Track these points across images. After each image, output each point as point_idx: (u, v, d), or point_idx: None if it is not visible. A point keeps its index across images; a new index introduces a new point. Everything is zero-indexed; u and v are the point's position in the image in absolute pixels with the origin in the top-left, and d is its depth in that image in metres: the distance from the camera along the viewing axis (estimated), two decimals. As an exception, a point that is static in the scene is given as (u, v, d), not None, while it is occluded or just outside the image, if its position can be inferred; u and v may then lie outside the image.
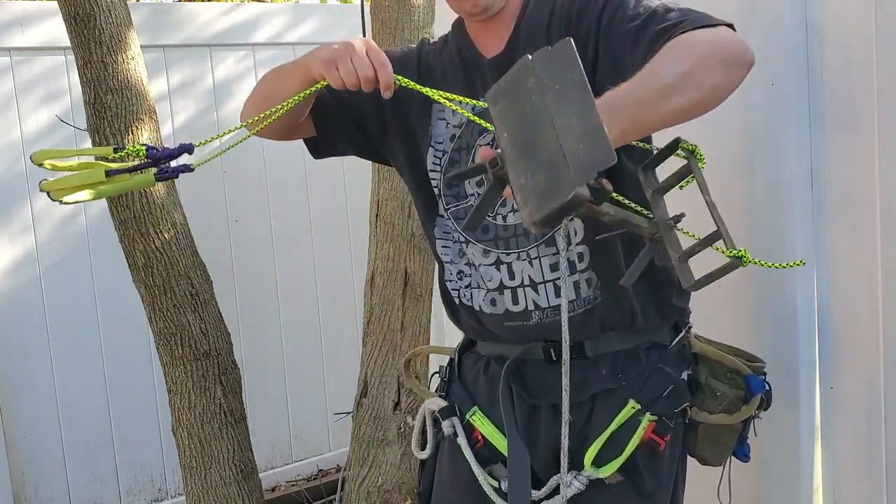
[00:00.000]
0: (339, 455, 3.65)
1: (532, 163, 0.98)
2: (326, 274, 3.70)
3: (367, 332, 2.64)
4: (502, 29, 1.47)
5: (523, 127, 1.01)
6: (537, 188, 0.96)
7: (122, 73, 2.33)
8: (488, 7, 1.43)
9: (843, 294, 1.80)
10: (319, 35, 3.62)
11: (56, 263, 3.15)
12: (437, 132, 1.52)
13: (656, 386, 1.47)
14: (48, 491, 3.18)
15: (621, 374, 1.47)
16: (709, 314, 1.65)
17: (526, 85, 1.02)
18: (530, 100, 1.01)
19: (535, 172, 0.97)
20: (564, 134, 0.96)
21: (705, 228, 1.18)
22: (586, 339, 1.46)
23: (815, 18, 1.78)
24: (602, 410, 1.46)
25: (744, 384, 1.54)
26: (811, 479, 1.88)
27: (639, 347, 1.49)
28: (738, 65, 1.26)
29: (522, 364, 1.49)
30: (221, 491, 2.55)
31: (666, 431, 1.45)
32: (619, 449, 1.43)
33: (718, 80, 1.22)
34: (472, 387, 1.58)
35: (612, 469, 1.43)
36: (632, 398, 1.45)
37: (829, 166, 1.79)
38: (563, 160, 0.95)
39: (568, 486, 1.42)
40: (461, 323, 1.60)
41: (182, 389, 2.52)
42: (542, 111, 0.99)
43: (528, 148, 0.99)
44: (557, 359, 1.44)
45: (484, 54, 1.49)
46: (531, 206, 0.96)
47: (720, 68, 1.22)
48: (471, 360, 1.60)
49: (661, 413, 1.45)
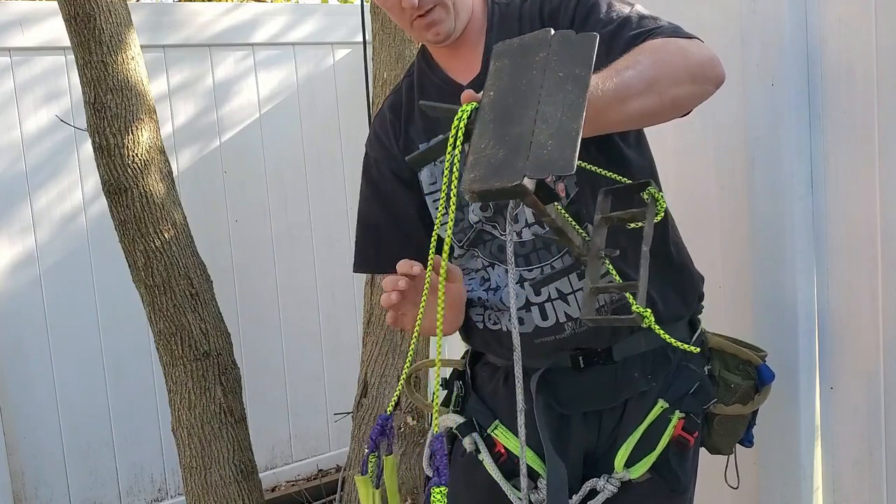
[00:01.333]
0: (339, 455, 3.66)
1: (499, 133, 0.96)
2: (326, 274, 3.70)
3: (367, 332, 2.64)
4: (470, 52, 1.44)
5: (510, 95, 0.99)
6: (491, 160, 0.94)
7: (122, 73, 2.33)
8: (449, 34, 1.40)
9: (843, 294, 1.80)
10: (319, 35, 3.63)
11: (56, 263, 3.15)
12: (424, 175, 1.48)
13: (683, 384, 1.47)
14: (48, 491, 3.18)
15: (651, 375, 1.46)
16: (709, 314, 1.64)
17: (535, 56, 0.99)
18: (530, 73, 0.99)
19: (497, 144, 0.95)
20: (542, 123, 0.95)
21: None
22: (614, 343, 1.44)
23: (815, 19, 1.78)
24: (632, 412, 1.46)
25: (755, 374, 1.55)
26: (811, 479, 1.88)
27: (666, 346, 1.47)
28: (705, 80, 1.25)
29: (549, 373, 1.46)
30: (221, 491, 2.55)
31: (695, 428, 1.46)
32: (650, 448, 1.43)
33: (682, 91, 1.21)
34: (492, 400, 1.54)
35: (644, 468, 1.42)
36: (661, 398, 1.45)
37: (829, 166, 1.79)
38: (528, 147, 0.93)
39: (601, 490, 1.42)
40: (479, 345, 1.56)
41: (182, 389, 2.52)
42: (535, 89, 0.97)
43: (504, 117, 0.97)
44: (586, 366, 1.43)
45: (459, 81, 1.45)
46: (476, 174, 0.94)
47: (686, 81, 1.21)
48: (486, 372, 1.56)
49: (689, 410, 1.45)
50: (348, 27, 3.62)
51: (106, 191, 2.41)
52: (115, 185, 2.38)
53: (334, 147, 3.63)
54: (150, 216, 2.41)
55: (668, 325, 1.46)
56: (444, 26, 1.39)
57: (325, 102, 3.66)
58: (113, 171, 2.37)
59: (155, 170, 2.43)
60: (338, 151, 3.63)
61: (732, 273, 1.99)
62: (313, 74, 3.65)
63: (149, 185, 2.41)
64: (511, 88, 0.99)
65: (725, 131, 1.97)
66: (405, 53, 2.52)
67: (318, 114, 3.65)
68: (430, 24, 1.38)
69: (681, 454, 1.45)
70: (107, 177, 2.38)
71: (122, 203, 2.39)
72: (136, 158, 2.38)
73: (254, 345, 3.47)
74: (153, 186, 2.42)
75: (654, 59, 1.19)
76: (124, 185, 2.38)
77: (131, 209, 2.39)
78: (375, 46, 2.61)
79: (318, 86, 3.66)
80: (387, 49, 2.55)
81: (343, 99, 3.66)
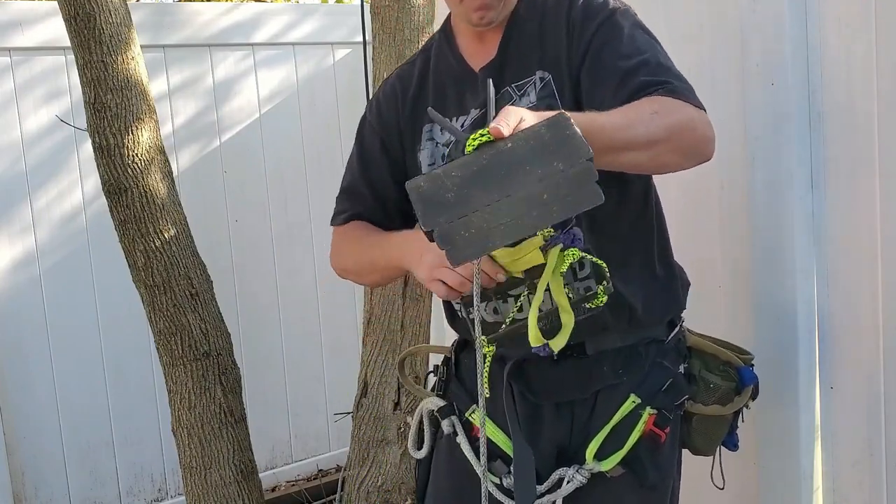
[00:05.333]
0: (339, 455, 3.65)
1: (470, 185, 1.01)
2: (326, 274, 3.67)
3: (367, 332, 2.64)
4: (493, 37, 1.48)
5: (505, 167, 1.01)
6: (439, 195, 1.01)
7: (122, 73, 2.33)
8: (493, 21, 1.44)
9: (843, 294, 1.81)
10: (319, 35, 3.63)
11: (56, 263, 3.15)
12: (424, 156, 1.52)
13: (656, 380, 1.49)
14: (48, 491, 3.18)
15: (623, 370, 1.48)
16: (709, 314, 1.65)
17: (552, 161, 1.00)
18: (536, 170, 1.00)
19: (460, 190, 1.01)
20: (492, 212, 0.99)
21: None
22: (586, 338, 1.46)
23: (815, 19, 1.78)
24: (604, 406, 1.47)
25: (736, 376, 1.57)
26: (811, 479, 1.89)
27: (639, 344, 1.50)
28: (696, 156, 1.30)
29: (524, 363, 1.49)
30: (221, 491, 2.55)
31: (666, 424, 1.47)
32: (621, 443, 1.44)
33: (672, 160, 1.27)
34: (472, 386, 1.57)
35: (614, 462, 1.44)
36: (633, 393, 1.46)
37: (829, 166, 1.79)
38: (462, 217, 1.00)
39: (570, 480, 1.43)
40: (462, 332, 1.60)
41: (182, 389, 2.52)
42: (519, 184, 1.00)
43: (485, 178, 1.02)
44: (560, 358, 1.45)
45: (473, 66, 1.49)
46: (423, 206, 1.02)
47: (679, 152, 1.26)
48: (469, 359, 1.60)
49: (661, 406, 1.47)
50: (348, 27, 3.61)
51: (106, 191, 2.41)
52: (115, 185, 2.38)
53: (334, 147, 3.63)
54: (150, 216, 2.41)
55: (645, 327, 1.50)
56: (493, 12, 1.43)
57: (325, 102, 3.66)
58: (113, 171, 2.37)
59: (155, 170, 2.43)
60: (338, 151, 3.63)
61: (732, 273, 1.99)
62: (313, 74, 3.65)
63: (149, 185, 2.40)
64: (512, 162, 1.01)
65: (725, 131, 1.97)
66: (405, 53, 2.52)
67: (318, 114, 3.64)
68: (483, 6, 1.41)
69: (653, 450, 1.47)
70: (107, 177, 2.38)
71: (122, 203, 2.39)
72: (136, 158, 2.38)
73: (254, 345, 3.47)
74: (153, 186, 2.41)
75: (666, 124, 1.23)
76: (124, 185, 2.38)
77: (131, 209, 2.39)
78: (375, 46, 2.61)
79: (318, 86, 3.65)
80: (387, 49, 2.55)
81: (343, 99, 3.66)
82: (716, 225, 2.02)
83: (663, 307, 1.53)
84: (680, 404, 1.51)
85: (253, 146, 3.50)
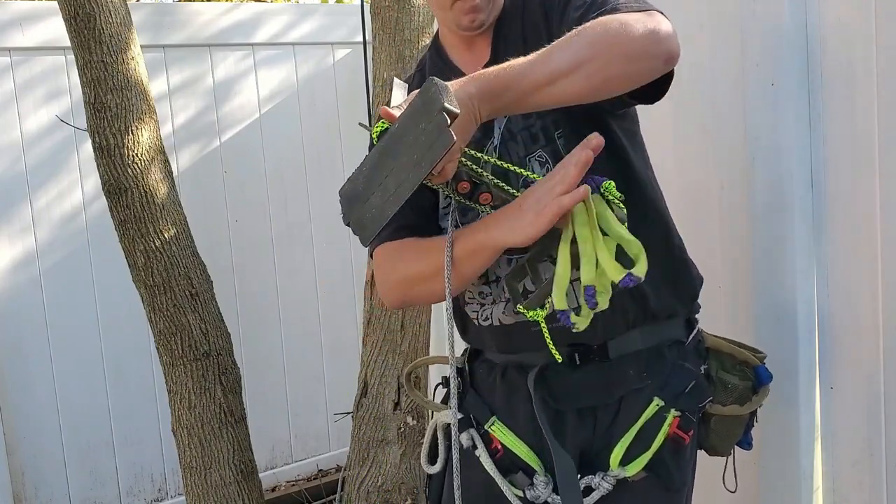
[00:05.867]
0: (339, 455, 3.66)
1: (374, 167, 1.12)
2: (326, 274, 3.70)
3: (367, 332, 2.64)
4: (482, 42, 1.46)
5: (394, 142, 1.10)
6: (355, 185, 1.14)
7: (122, 73, 2.33)
8: (483, 23, 1.42)
9: (843, 294, 1.80)
10: (319, 35, 3.63)
11: (56, 263, 3.15)
12: None
13: (679, 382, 1.47)
14: (48, 491, 3.18)
15: (646, 373, 1.46)
16: (708, 314, 1.64)
17: (419, 123, 1.08)
18: (410, 135, 1.08)
19: (364, 175, 1.13)
20: (383, 190, 1.10)
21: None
22: (610, 339, 1.45)
23: (815, 19, 1.78)
24: (628, 410, 1.46)
25: (753, 375, 1.55)
26: (811, 479, 1.88)
27: (661, 345, 1.48)
28: (645, 57, 1.21)
29: (545, 369, 1.46)
30: (221, 491, 2.55)
31: (690, 426, 1.46)
32: (645, 446, 1.43)
33: (615, 72, 1.19)
34: (489, 396, 1.54)
35: (639, 466, 1.42)
36: (656, 396, 1.45)
37: (829, 166, 1.79)
38: (365, 201, 1.11)
39: (596, 487, 1.42)
40: (475, 342, 1.57)
41: (182, 389, 2.52)
42: (400, 153, 1.09)
43: (382, 159, 1.11)
44: (581, 362, 1.44)
45: (463, 70, 1.45)
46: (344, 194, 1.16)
47: (620, 61, 1.18)
48: (484, 369, 1.56)
49: (684, 408, 1.46)
50: (348, 27, 3.62)
51: (106, 191, 2.41)
52: (115, 185, 2.38)
53: (334, 147, 3.63)
54: (150, 216, 2.41)
55: (660, 320, 1.48)
56: (483, 14, 1.41)
57: (325, 102, 3.66)
58: (113, 171, 2.37)
59: (155, 170, 2.43)
60: (338, 151, 3.63)
61: (732, 273, 1.99)
62: (313, 74, 3.65)
63: (149, 185, 2.41)
64: (398, 137, 1.10)
65: (725, 131, 1.97)
66: (405, 53, 2.52)
67: (318, 114, 3.65)
68: (473, 9, 1.39)
69: (676, 452, 1.46)
70: (107, 177, 2.38)
71: (122, 203, 2.39)
72: (136, 158, 2.38)
73: (254, 345, 3.47)
74: (153, 186, 2.42)
75: (588, 40, 1.17)
76: (124, 185, 2.38)
77: (131, 209, 2.39)
78: (375, 46, 2.61)
79: (318, 86, 3.66)
80: (387, 49, 2.55)
81: (343, 99, 3.66)
82: (716, 225, 2.01)
83: (677, 297, 1.51)
84: (702, 406, 1.50)
85: (253, 146, 3.50)
